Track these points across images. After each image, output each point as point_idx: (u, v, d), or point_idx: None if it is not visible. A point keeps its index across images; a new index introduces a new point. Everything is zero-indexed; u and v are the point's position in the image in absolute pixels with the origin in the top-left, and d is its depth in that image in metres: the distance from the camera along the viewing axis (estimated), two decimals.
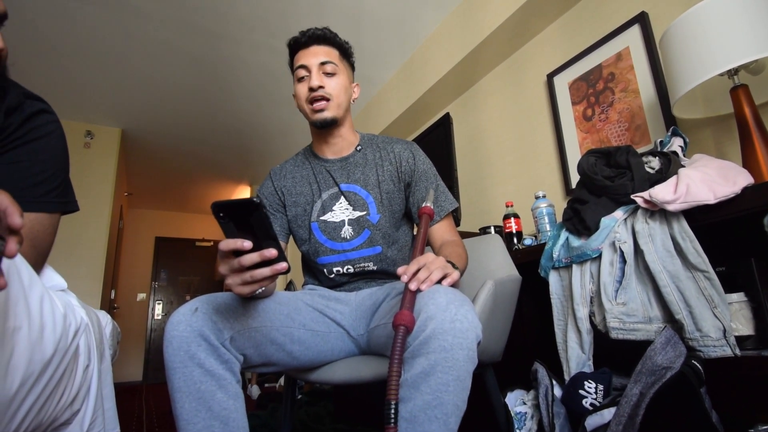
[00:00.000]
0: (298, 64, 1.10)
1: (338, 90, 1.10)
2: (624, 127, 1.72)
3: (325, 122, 1.09)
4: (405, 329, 0.65)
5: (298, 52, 1.12)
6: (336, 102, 1.09)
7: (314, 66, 1.08)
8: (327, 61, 1.09)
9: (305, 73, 1.09)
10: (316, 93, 1.07)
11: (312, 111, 1.09)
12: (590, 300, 1.10)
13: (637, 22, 1.68)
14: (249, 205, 0.63)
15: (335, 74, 1.10)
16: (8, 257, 0.39)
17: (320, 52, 1.10)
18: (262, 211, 0.64)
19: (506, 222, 1.71)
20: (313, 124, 1.11)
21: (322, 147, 1.18)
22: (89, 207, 3.45)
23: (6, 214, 0.40)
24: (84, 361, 0.74)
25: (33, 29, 2.48)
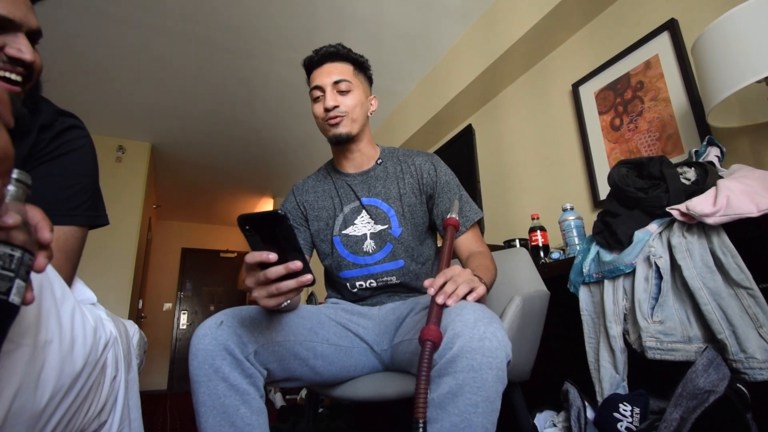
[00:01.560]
0: (313, 84, 1.11)
1: (353, 106, 1.10)
2: (655, 136, 1.66)
3: (341, 138, 1.10)
4: (432, 345, 0.63)
5: (313, 72, 1.13)
6: (351, 118, 1.10)
7: (328, 86, 1.09)
8: (340, 80, 1.09)
9: (320, 93, 1.10)
10: (331, 113, 1.08)
11: (328, 127, 1.10)
12: (624, 317, 1.05)
13: (666, 30, 1.64)
14: (274, 218, 0.63)
15: (350, 91, 1.10)
16: (37, 272, 0.40)
17: (334, 70, 1.10)
18: (287, 223, 0.64)
19: (532, 235, 1.67)
20: (330, 140, 1.12)
21: (342, 162, 1.18)
22: (120, 219, 3.55)
23: (37, 229, 0.40)
24: (111, 373, 0.75)
25: (69, 50, 2.59)
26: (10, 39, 0.69)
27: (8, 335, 0.43)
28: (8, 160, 0.30)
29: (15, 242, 0.37)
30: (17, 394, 0.43)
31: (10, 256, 0.37)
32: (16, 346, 0.44)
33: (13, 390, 0.43)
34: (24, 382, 0.44)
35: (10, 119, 0.30)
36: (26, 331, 0.45)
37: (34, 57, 0.71)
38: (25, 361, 0.45)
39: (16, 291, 0.37)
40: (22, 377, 0.44)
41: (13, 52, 0.69)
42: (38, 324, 0.47)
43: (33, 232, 0.40)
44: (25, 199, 0.42)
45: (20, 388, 0.44)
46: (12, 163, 0.30)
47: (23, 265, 0.38)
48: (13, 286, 0.37)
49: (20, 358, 0.44)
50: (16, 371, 0.44)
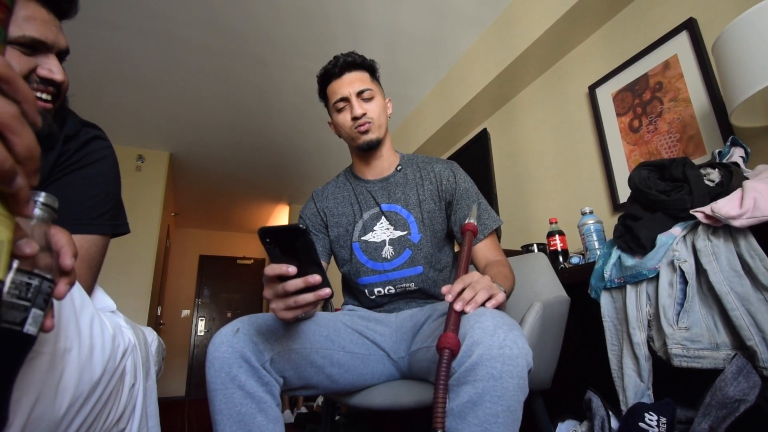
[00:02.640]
0: (337, 96, 1.11)
1: (378, 112, 1.12)
2: (675, 138, 1.63)
3: (371, 144, 1.11)
4: (450, 353, 0.62)
5: (332, 83, 1.13)
6: (377, 123, 1.11)
7: (353, 95, 1.10)
8: (364, 89, 1.11)
9: (345, 103, 1.11)
10: (360, 120, 1.09)
11: (358, 135, 1.10)
12: (648, 324, 1.02)
13: (685, 29, 1.61)
14: (295, 232, 0.64)
15: (372, 98, 1.12)
16: (57, 299, 0.39)
17: (355, 79, 1.11)
18: (308, 237, 0.64)
19: (550, 239, 1.64)
20: (359, 147, 1.12)
21: (362, 168, 1.19)
22: (140, 227, 3.61)
23: (60, 255, 0.40)
24: (130, 380, 0.75)
25: (92, 63, 2.66)
26: (42, 60, 0.71)
27: None
28: (35, 160, 0.30)
29: (33, 270, 0.37)
30: (37, 402, 0.43)
31: (27, 285, 0.36)
32: (35, 355, 0.44)
33: (33, 398, 0.43)
34: (43, 391, 0.45)
35: (37, 119, 0.31)
36: (46, 340, 0.46)
37: (63, 77, 0.74)
38: (45, 370, 0.45)
39: (31, 321, 0.36)
40: (41, 385, 0.44)
41: (45, 73, 0.71)
42: (57, 332, 0.48)
43: (55, 258, 0.40)
44: (50, 222, 0.42)
45: (40, 396, 0.44)
46: (38, 162, 0.31)
47: (41, 293, 0.37)
48: (28, 316, 0.36)
49: (40, 366, 0.45)
50: (35, 379, 0.44)
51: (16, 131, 0.28)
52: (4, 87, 0.29)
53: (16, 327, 0.35)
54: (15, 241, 0.33)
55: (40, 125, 0.32)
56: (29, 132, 0.29)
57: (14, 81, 0.29)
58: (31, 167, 0.30)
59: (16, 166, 0.28)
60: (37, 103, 0.31)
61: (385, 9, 2.33)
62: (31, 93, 0.31)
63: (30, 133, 0.29)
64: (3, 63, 0.29)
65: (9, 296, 0.34)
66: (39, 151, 0.30)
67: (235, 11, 2.31)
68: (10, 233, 0.31)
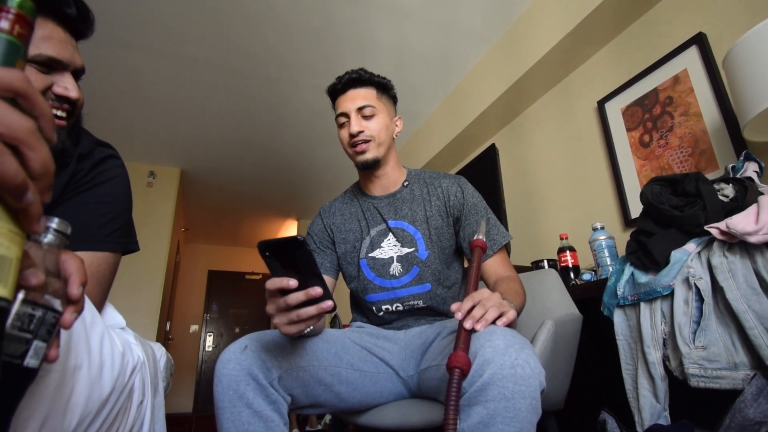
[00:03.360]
0: (338, 111, 1.12)
1: (378, 130, 1.10)
2: (687, 152, 1.61)
3: (367, 163, 1.10)
4: (460, 372, 0.60)
5: (337, 99, 1.14)
6: (377, 142, 1.10)
7: (352, 112, 1.09)
8: (364, 106, 1.10)
9: (345, 119, 1.11)
10: (356, 138, 1.09)
11: (354, 153, 1.10)
12: (663, 342, 1.00)
13: (694, 44, 1.61)
14: (293, 243, 0.63)
15: (374, 116, 1.10)
16: (64, 329, 0.39)
17: (357, 96, 1.11)
18: (306, 248, 0.64)
19: (561, 255, 1.62)
20: (357, 166, 1.13)
21: (368, 184, 1.18)
22: (150, 242, 3.64)
23: (69, 283, 0.40)
24: (138, 397, 0.75)
25: (104, 82, 2.72)
26: (58, 78, 0.73)
27: None
28: (49, 176, 0.30)
29: (38, 301, 0.36)
30: (46, 420, 0.43)
31: (30, 316, 0.35)
32: (45, 372, 0.44)
33: (42, 416, 0.43)
34: (53, 408, 0.44)
35: (53, 135, 0.31)
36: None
37: (79, 94, 0.76)
38: (54, 387, 0.45)
39: (33, 353, 0.35)
40: (51, 403, 0.44)
41: (60, 91, 0.73)
42: (68, 350, 0.48)
43: (63, 284, 0.40)
44: (62, 248, 0.41)
45: (49, 414, 0.44)
46: (52, 179, 0.31)
47: (44, 324, 0.36)
48: (29, 349, 0.35)
49: (49, 384, 0.44)
50: (45, 397, 0.44)
51: (32, 146, 0.28)
52: (23, 102, 0.29)
53: (16, 360, 0.34)
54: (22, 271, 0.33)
55: (55, 141, 0.32)
56: (45, 148, 0.30)
57: (33, 97, 0.30)
58: (44, 183, 0.30)
59: (29, 181, 0.28)
60: (54, 120, 0.31)
61: (394, 27, 2.37)
62: (48, 109, 0.31)
63: (46, 149, 0.30)
64: (22, 78, 0.29)
65: (11, 328, 0.33)
66: (53, 167, 0.30)
67: (245, 31, 2.36)
68: (20, 250, 0.30)
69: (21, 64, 0.31)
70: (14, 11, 0.31)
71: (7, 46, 0.30)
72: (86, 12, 0.78)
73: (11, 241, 0.29)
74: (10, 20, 0.31)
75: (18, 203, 0.28)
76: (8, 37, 0.30)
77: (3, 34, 0.30)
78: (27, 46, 0.32)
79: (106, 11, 2.17)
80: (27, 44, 0.32)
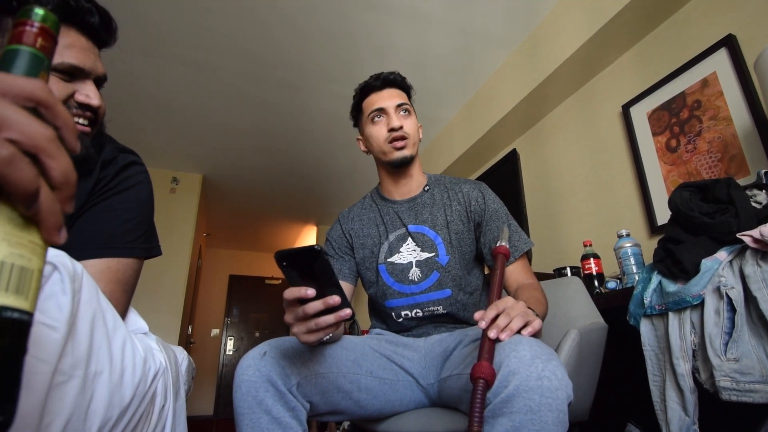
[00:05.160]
0: (375, 107, 1.11)
1: (414, 129, 1.12)
2: (716, 157, 1.56)
3: (405, 160, 1.10)
4: (485, 383, 0.59)
5: (370, 95, 1.14)
6: (413, 141, 1.11)
7: (392, 108, 1.10)
8: (403, 103, 1.12)
9: (381, 115, 1.11)
10: (397, 133, 1.08)
11: (392, 150, 1.09)
12: (693, 354, 0.96)
13: (724, 46, 1.56)
14: (310, 253, 0.63)
15: (410, 114, 1.13)
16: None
17: (394, 95, 1.13)
18: (324, 258, 0.64)
19: (585, 263, 1.59)
20: (391, 163, 1.11)
21: (390, 188, 1.17)
22: (173, 247, 3.71)
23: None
24: (160, 402, 0.75)
25: (129, 89, 2.80)
26: (80, 86, 0.74)
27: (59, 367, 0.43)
28: (70, 186, 0.30)
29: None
30: (67, 425, 0.44)
31: None
32: (67, 378, 0.45)
33: (63, 421, 0.43)
34: (74, 414, 0.45)
35: (75, 145, 0.31)
36: (78, 363, 0.46)
37: (100, 102, 0.77)
38: (76, 393, 0.45)
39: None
40: (72, 409, 0.45)
41: (83, 99, 0.74)
42: (89, 355, 0.48)
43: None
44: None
45: (70, 419, 0.44)
46: (74, 189, 0.30)
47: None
48: None
49: (71, 390, 0.45)
50: (66, 403, 0.44)
51: (52, 155, 0.28)
52: (44, 112, 0.29)
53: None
54: None
55: (78, 151, 0.32)
56: (66, 157, 0.29)
57: (54, 106, 0.29)
58: (65, 193, 0.30)
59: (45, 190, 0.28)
60: (76, 129, 0.31)
61: (412, 32, 2.37)
62: (70, 119, 0.31)
63: (66, 158, 0.29)
64: (43, 88, 0.29)
65: None
66: (75, 177, 0.30)
67: (265, 40, 2.40)
68: (42, 262, 0.30)
69: (44, 76, 0.31)
70: (38, 24, 0.31)
71: (30, 58, 0.31)
72: (109, 21, 0.79)
73: (33, 252, 0.29)
74: (33, 33, 0.31)
75: (27, 210, 0.27)
76: (31, 49, 0.31)
77: (26, 47, 0.31)
78: (50, 58, 0.33)
79: (131, 21, 2.23)
80: (50, 57, 0.33)
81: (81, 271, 0.50)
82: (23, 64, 0.30)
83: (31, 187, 0.26)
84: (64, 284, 0.46)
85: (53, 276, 0.45)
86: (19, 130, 0.27)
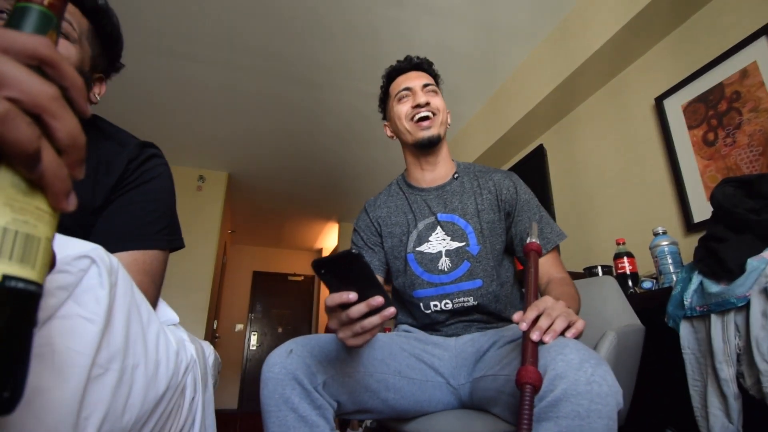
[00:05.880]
0: (402, 86, 1.12)
1: (442, 107, 1.11)
2: (758, 151, 1.49)
3: (432, 139, 1.07)
4: (532, 388, 0.56)
5: (398, 78, 1.15)
6: (440, 119, 1.10)
7: (418, 87, 1.10)
8: (429, 83, 1.12)
9: (408, 93, 1.11)
10: (422, 109, 1.07)
11: (417, 129, 1.08)
12: (737, 358, 0.91)
13: (764, 34, 1.48)
14: (348, 257, 0.62)
15: (437, 93, 1.12)
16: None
17: (422, 76, 1.13)
18: (363, 261, 0.62)
19: (618, 262, 1.53)
20: (418, 143, 1.08)
21: (417, 175, 1.14)
22: (199, 244, 3.78)
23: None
24: (190, 394, 0.76)
25: (161, 91, 2.85)
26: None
27: (96, 360, 0.44)
28: (78, 149, 0.28)
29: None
30: (105, 419, 0.44)
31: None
32: (104, 371, 0.45)
33: (102, 414, 0.44)
34: (112, 407, 0.45)
35: (85, 107, 0.29)
36: (114, 356, 0.46)
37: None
38: (113, 386, 0.45)
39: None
40: (109, 402, 0.45)
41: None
42: (126, 348, 0.48)
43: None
44: None
45: (108, 412, 0.44)
46: (83, 152, 0.28)
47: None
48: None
49: (108, 383, 0.45)
50: (104, 396, 0.44)
51: (56, 115, 0.26)
52: (49, 71, 0.27)
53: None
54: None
55: (88, 114, 0.30)
56: (72, 118, 0.27)
57: (59, 65, 0.27)
58: (74, 157, 0.28)
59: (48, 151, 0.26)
60: (85, 91, 0.29)
61: (436, 27, 2.34)
62: (79, 79, 0.29)
63: (73, 119, 0.27)
64: (48, 45, 0.27)
65: None
66: (83, 139, 0.28)
67: (287, 38, 2.41)
68: (50, 230, 0.28)
69: (53, 35, 0.30)
70: None
71: (38, 16, 0.30)
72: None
73: (38, 219, 0.27)
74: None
75: (30, 173, 0.25)
76: (40, 7, 0.30)
77: (35, 5, 0.30)
78: (60, 17, 0.31)
79: (159, 23, 2.27)
80: (60, 16, 0.31)
81: (117, 265, 0.51)
82: (32, 22, 0.29)
83: (30, 147, 0.24)
84: (101, 278, 0.46)
85: (91, 269, 0.46)
86: (19, 88, 0.25)
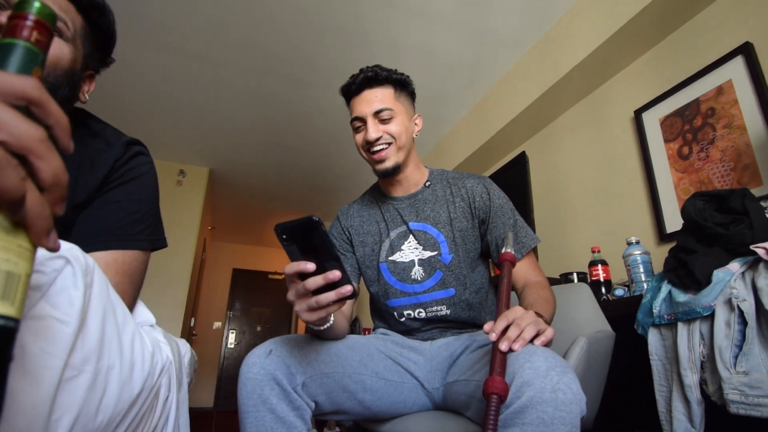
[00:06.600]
0: (353, 115, 1.07)
1: (398, 133, 1.04)
2: (729, 166, 1.54)
3: (387, 171, 1.05)
4: (498, 398, 0.58)
5: (353, 99, 1.09)
6: (397, 146, 1.04)
7: (369, 116, 1.03)
8: (381, 109, 1.03)
9: (360, 124, 1.06)
10: (375, 145, 1.03)
11: (372, 161, 1.06)
12: (701, 365, 0.95)
13: (740, 53, 1.54)
14: (308, 224, 0.62)
15: (392, 118, 1.04)
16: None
17: (373, 98, 1.04)
18: (322, 229, 0.63)
19: (592, 269, 1.57)
20: (377, 173, 1.08)
21: (388, 187, 1.14)
22: (178, 240, 3.71)
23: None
24: (164, 393, 0.75)
25: (138, 82, 2.80)
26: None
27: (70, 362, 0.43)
28: (61, 187, 0.29)
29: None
30: (77, 420, 0.43)
31: None
32: (78, 373, 0.44)
33: (73, 416, 0.43)
34: (84, 409, 0.45)
35: (68, 145, 0.30)
36: (88, 358, 0.46)
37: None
38: (86, 388, 0.45)
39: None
40: (82, 403, 0.44)
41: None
42: (101, 350, 0.48)
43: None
44: None
45: (80, 414, 0.44)
46: (65, 190, 0.29)
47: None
48: None
49: (82, 384, 0.45)
50: (77, 398, 0.44)
51: (41, 156, 0.27)
52: (36, 110, 0.28)
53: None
54: None
55: (71, 151, 0.30)
56: (56, 158, 0.28)
57: (46, 104, 0.28)
58: (56, 195, 0.28)
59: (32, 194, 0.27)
60: (69, 128, 0.30)
61: (425, 31, 2.36)
62: (63, 117, 0.30)
63: (57, 158, 0.28)
64: (35, 86, 0.28)
65: None
66: (66, 178, 0.29)
67: (275, 35, 2.39)
68: (29, 266, 0.29)
69: (38, 71, 0.30)
70: (33, 18, 0.30)
71: (24, 53, 0.30)
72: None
73: (20, 256, 0.28)
74: (28, 27, 0.30)
75: (14, 216, 0.26)
76: (26, 44, 0.30)
77: (21, 41, 0.30)
78: (46, 53, 0.31)
79: (140, 14, 2.23)
80: (46, 51, 0.31)
81: (93, 265, 0.50)
82: (17, 59, 0.29)
83: (16, 194, 0.25)
84: (76, 278, 0.46)
85: (65, 270, 0.45)
86: (8, 131, 0.25)
